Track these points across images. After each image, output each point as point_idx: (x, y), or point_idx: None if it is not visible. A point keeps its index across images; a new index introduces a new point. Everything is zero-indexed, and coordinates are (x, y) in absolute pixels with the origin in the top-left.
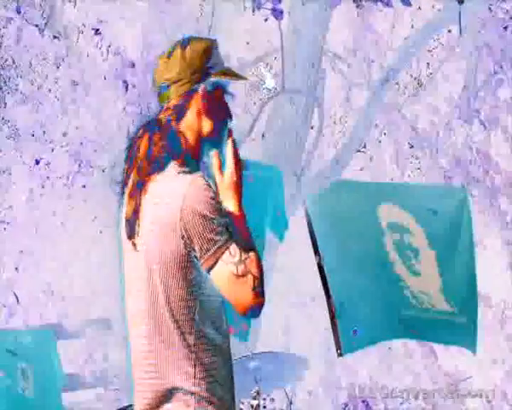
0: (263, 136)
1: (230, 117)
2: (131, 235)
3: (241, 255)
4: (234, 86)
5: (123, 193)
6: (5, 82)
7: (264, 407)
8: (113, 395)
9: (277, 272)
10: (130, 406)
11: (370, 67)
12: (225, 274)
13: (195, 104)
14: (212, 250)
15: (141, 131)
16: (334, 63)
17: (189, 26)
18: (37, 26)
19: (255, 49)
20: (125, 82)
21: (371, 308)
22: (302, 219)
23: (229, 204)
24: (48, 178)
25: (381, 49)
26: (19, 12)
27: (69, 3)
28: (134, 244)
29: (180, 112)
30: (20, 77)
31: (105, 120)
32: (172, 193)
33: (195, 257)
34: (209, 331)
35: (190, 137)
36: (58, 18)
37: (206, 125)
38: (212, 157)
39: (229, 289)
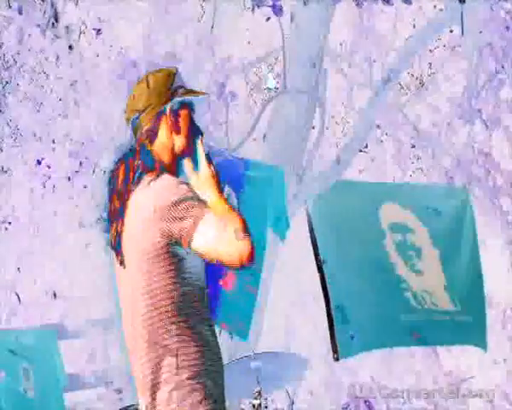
0: (264, 136)
1: (201, 133)
2: (118, 253)
3: (216, 218)
4: (235, 86)
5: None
6: (7, 82)
7: (266, 406)
8: (115, 394)
9: (277, 272)
10: (132, 406)
11: (372, 67)
12: (207, 237)
13: (165, 124)
14: (188, 224)
15: (119, 163)
16: (336, 63)
17: (190, 25)
18: (38, 26)
19: (257, 49)
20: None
21: (371, 311)
22: (303, 219)
23: (210, 193)
24: (49, 178)
25: (383, 49)
26: (20, 12)
27: (70, 3)
28: (121, 262)
29: (152, 134)
30: (22, 77)
31: (106, 120)
32: (146, 197)
33: (175, 243)
34: (193, 322)
35: (165, 155)
36: (59, 18)
37: (178, 142)
38: (184, 164)
39: (216, 249)
